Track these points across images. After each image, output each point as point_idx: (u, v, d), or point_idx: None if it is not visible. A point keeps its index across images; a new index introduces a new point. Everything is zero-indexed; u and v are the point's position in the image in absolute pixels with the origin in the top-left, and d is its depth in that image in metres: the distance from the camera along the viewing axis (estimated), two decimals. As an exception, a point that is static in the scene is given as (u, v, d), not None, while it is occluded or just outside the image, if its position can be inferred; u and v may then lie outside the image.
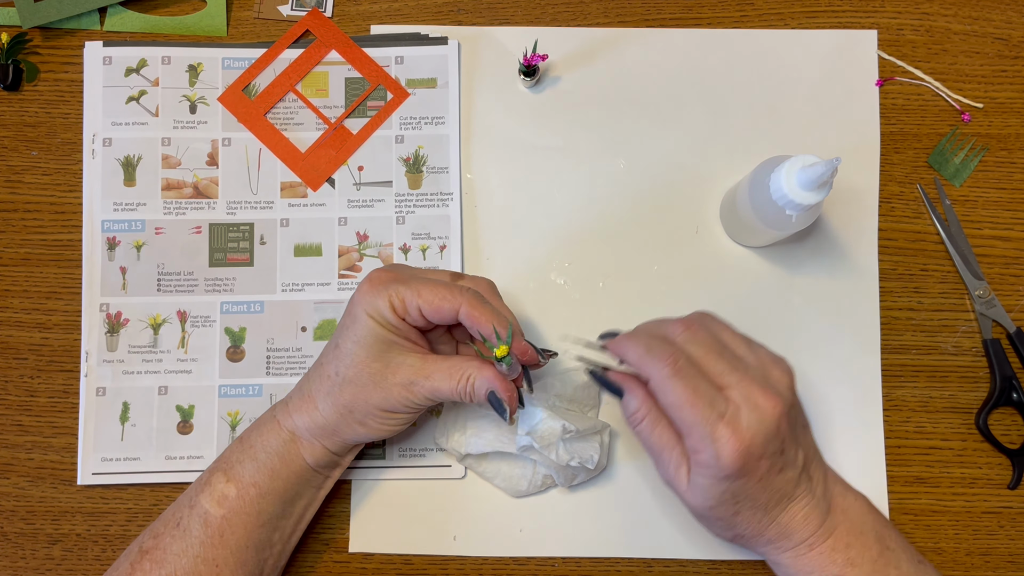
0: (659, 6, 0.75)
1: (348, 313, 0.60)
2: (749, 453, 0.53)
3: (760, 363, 0.57)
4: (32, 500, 0.69)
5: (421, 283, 0.59)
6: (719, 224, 0.72)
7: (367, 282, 0.59)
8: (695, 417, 0.53)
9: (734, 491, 0.55)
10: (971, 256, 0.71)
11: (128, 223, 0.72)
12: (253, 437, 0.62)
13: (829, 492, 0.59)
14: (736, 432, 0.53)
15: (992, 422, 0.70)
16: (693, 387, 0.54)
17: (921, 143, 0.73)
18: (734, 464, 0.53)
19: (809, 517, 0.57)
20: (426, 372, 0.59)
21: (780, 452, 0.55)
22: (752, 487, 0.55)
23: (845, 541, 0.57)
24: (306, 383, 0.62)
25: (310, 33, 0.74)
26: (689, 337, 0.56)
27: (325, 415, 0.60)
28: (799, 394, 0.59)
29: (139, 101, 0.73)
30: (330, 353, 0.61)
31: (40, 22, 0.73)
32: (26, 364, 0.71)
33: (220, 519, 0.60)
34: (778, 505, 0.56)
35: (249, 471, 0.61)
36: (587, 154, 0.73)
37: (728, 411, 0.53)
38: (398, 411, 0.60)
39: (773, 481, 0.55)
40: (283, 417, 0.62)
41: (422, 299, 0.58)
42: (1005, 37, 0.75)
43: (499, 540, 0.69)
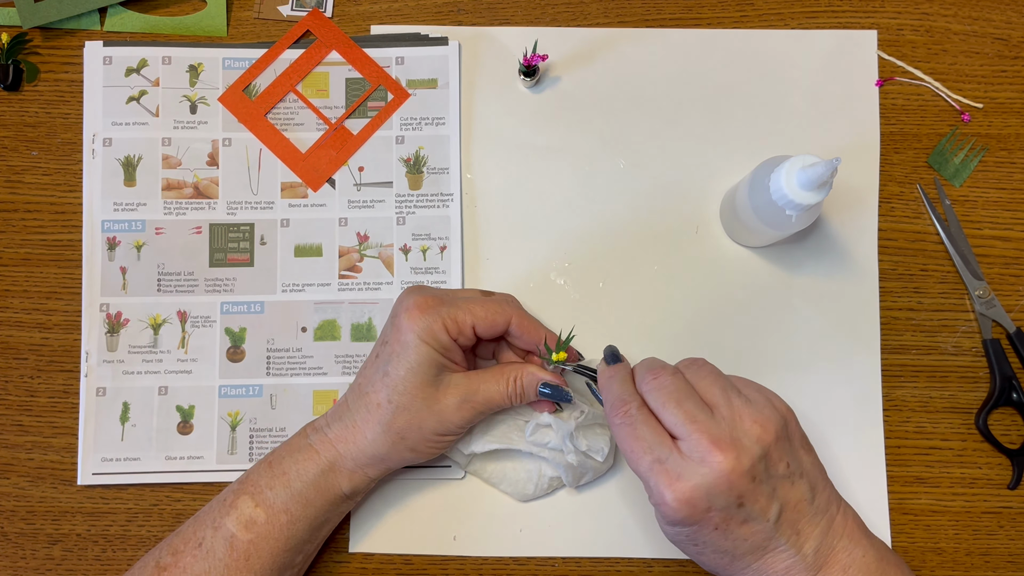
0: (659, 6, 0.75)
1: (396, 340, 0.60)
2: (690, 503, 0.52)
3: (732, 414, 0.55)
4: (32, 500, 0.69)
5: (469, 303, 0.61)
6: (719, 224, 0.72)
7: (415, 308, 0.60)
8: (635, 462, 0.54)
9: (688, 535, 0.55)
10: (971, 256, 0.71)
11: (128, 223, 0.72)
12: (286, 463, 0.61)
13: (827, 548, 0.56)
14: (673, 480, 0.53)
15: (992, 422, 0.70)
16: (635, 434, 0.55)
17: (921, 143, 0.73)
18: (672, 512, 0.53)
19: (791, 571, 0.55)
20: (475, 386, 0.61)
21: (737, 505, 0.53)
22: (708, 534, 0.54)
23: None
24: (347, 412, 0.62)
25: (310, 33, 0.74)
26: (655, 385, 0.56)
27: (375, 445, 0.61)
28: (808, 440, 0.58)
29: (139, 101, 0.73)
30: (377, 381, 0.61)
31: (40, 22, 0.73)
32: (26, 364, 0.71)
33: (247, 543, 0.59)
34: (751, 554, 0.55)
35: (281, 498, 0.60)
36: (587, 154, 0.73)
37: (669, 460, 0.53)
38: (451, 432, 0.62)
39: (735, 531, 0.54)
40: (322, 446, 0.61)
41: (476, 317, 0.61)
42: (1005, 37, 0.75)
43: (499, 540, 0.69)
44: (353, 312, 0.71)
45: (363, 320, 0.71)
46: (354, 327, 0.71)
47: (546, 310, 0.71)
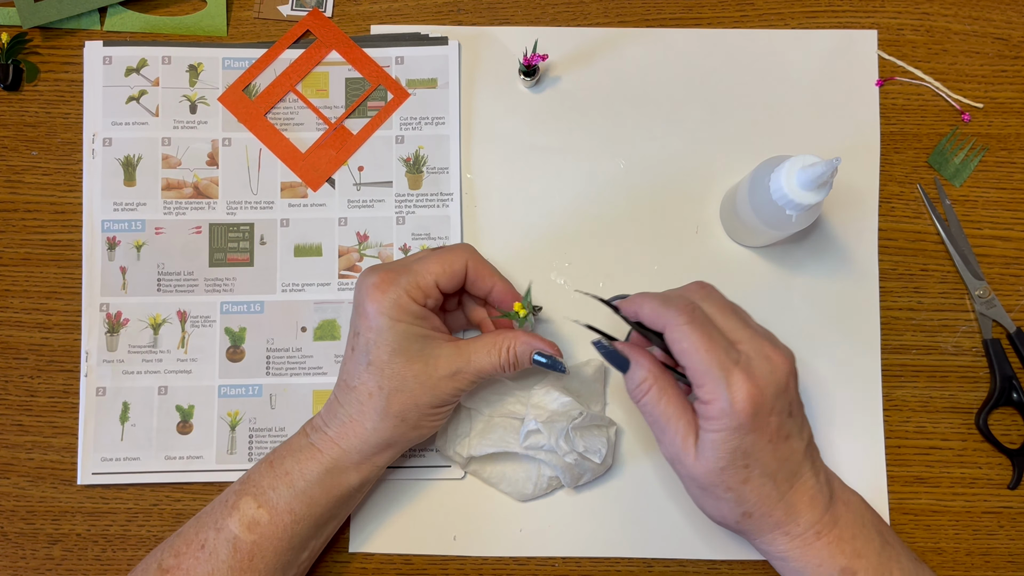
0: (659, 6, 0.75)
1: (368, 327, 0.60)
2: (761, 402, 0.53)
3: (765, 331, 0.58)
4: (32, 500, 0.70)
5: (424, 262, 0.61)
6: (719, 224, 0.72)
7: (376, 289, 0.59)
8: (710, 361, 0.54)
9: (745, 449, 0.54)
10: (971, 256, 0.71)
11: (128, 223, 0.72)
12: (288, 463, 0.61)
13: (831, 478, 0.58)
14: (750, 378, 0.53)
15: (992, 422, 0.70)
16: (709, 334, 0.55)
17: (921, 143, 0.73)
18: (747, 410, 0.53)
19: (815, 499, 0.56)
20: (466, 356, 0.61)
21: (788, 413, 0.55)
22: (762, 447, 0.54)
23: (851, 532, 0.56)
24: (340, 408, 0.62)
25: (310, 33, 0.74)
26: (705, 295, 0.58)
27: (378, 432, 0.61)
28: None
29: (139, 101, 0.73)
30: (362, 372, 0.60)
31: (40, 22, 0.73)
32: (26, 364, 0.71)
33: (251, 544, 0.59)
34: (787, 480, 0.56)
35: (285, 498, 0.60)
36: (587, 154, 0.73)
37: (741, 359, 0.54)
38: (447, 403, 0.62)
39: (780, 448, 0.55)
40: (324, 445, 0.61)
41: (435, 273, 0.60)
42: (1005, 37, 0.75)
43: (499, 540, 0.69)
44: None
45: (363, 320, 0.71)
46: (354, 327, 0.71)
47: (546, 310, 0.71)
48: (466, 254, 0.62)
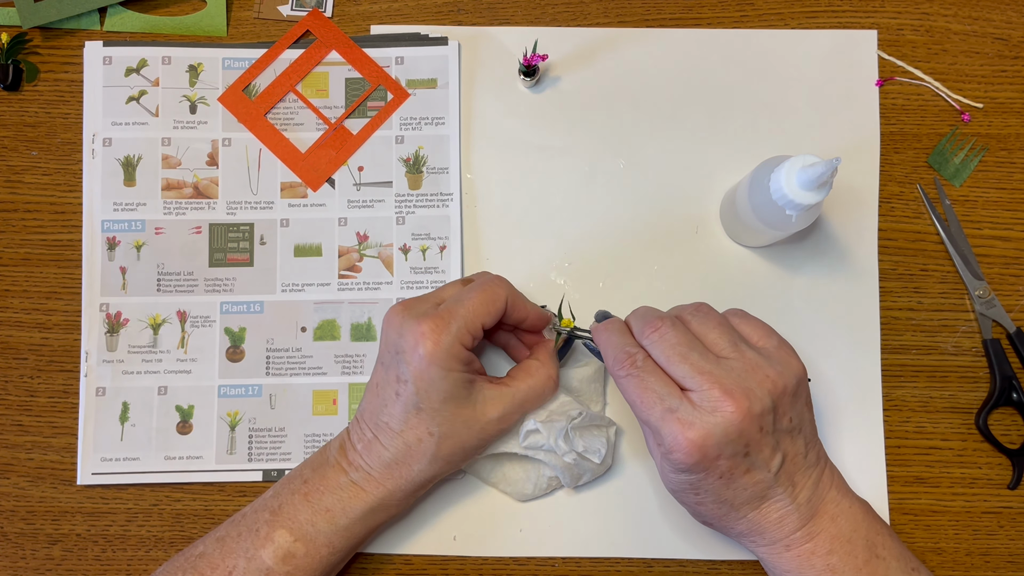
0: (659, 6, 0.75)
1: (419, 375, 0.58)
2: (702, 450, 0.53)
3: (744, 365, 0.56)
4: (32, 500, 0.69)
5: (469, 303, 0.60)
6: (719, 224, 0.72)
7: (425, 338, 0.58)
8: (646, 415, 0.55)
9: (693, 483, 0.55)
10: (971, 256, 0.71)
11: (128, 223, 0.72)
12: (328, 500, 0.61)
13: (818, 498, 0.58)
14: (687, 428, 0.53)
15: (992, 422, 0.70)
16: (644, 384, 0.55)
17: (921, 143, 0.73)
18: (685, 459, 0.54)
19: (784, 520, 0.57)
20: (516, 400, 0.62)
21: (744, 454, 0.54)
22: (713, 483, 0.55)
23: (827, 547, 0.57)
24: (383, 451, 0.61)
25: (310, 33, 0.74)
26: (657, 338, 0.57)
27: (424, 474, 0.61)
28: None
29: (139, 101, 0.73)
30: (411, 419, 0.60)
31: (40, 22, 0.73)
32: (26, 364, 0.71)
33: (283, 574, 0.60)
34: (748, 504, 0.56)
35: (324, 533, 0.60)
36: (587, 154, 0.73)
37: (681, 408, 0.54)
38: (492, 442, 0.64)
39: (739, 480, 0.55)
40: (369, 485, 0.61)
41: (480, 315, 0.60)
42: (1005, 37, 0.75)
43: (499, 540, 0.69)
44: (353, 312, 0.71)
45: (363, 320, 0.71)
46: (354, 327, 0.71)
47: (546, 310, 0.71)
48: (505, 289, 0.62)
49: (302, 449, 0.70)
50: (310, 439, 0.70)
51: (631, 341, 0.58)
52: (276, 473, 0.69)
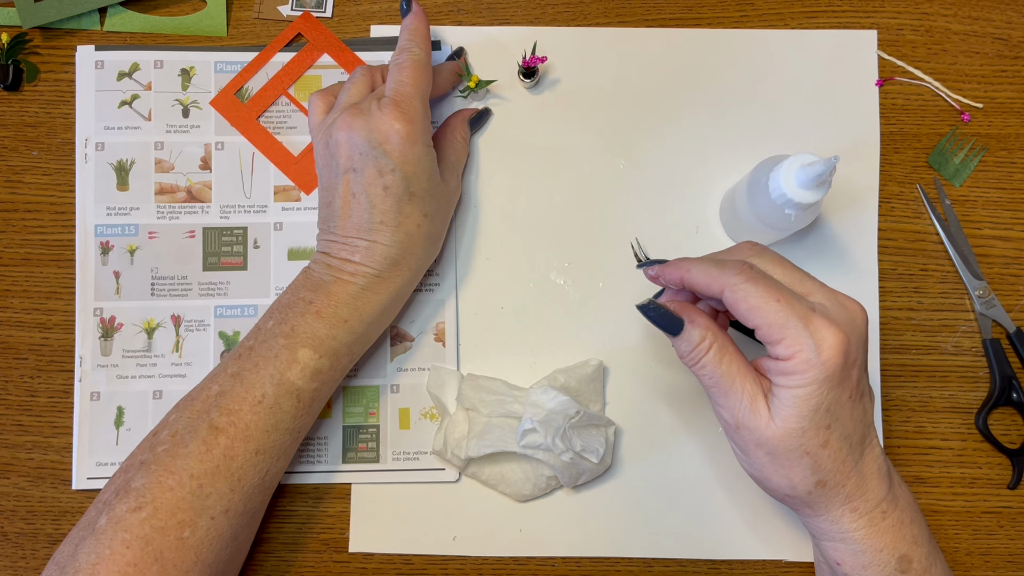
0: (659, 6, 0.75)
1: (406, 161, 0.61)
2: (848, 351, 0.50)
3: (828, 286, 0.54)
4: (32, 500, 0.70)
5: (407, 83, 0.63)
6: (719, 224, 0.72)
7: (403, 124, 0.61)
8: (786, 313, 0.50)
9: (828, 405, 0.50)
10: (971, 256, 0.71)
11: (121, 227, 0.72)
12: (343, 311, 0.62)
13: (886, 456, 0.55)
14: (834, 323, 0.50)
15: (992, 422, 0.70)
16: (776, 287, 0.51)
17: (921, 143, 0.73)
18: (836, 360, 0.49)
19: (881, 471, 0.53)
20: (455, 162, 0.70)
21: (864, 368, 0.52)
22: (843, 405, 0.51)
23: (910, 515, 0.54)
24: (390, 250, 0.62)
25: (303, 36, 0.74)
26: (758, 251, 0.55)
27: (427, 257, 0.66)
28: None
29: (132, 105, 0.73)
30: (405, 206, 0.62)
31: (40, 22, 0.73)
32: (26, 364, 0.71)
33: (312, 391, 0.61)
34: (859, 444, 0.52)
35: (345, 344, 0.62)
36: (587, 154, 0.73)
37: (818, 307, 0.51)
38: None
39: (857, 407, 0.52)
40: (381, 287, 0.63)
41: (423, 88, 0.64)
42: (1005, 37, 0.75)
43: (499, 540, 0.69)
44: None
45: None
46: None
47: (546, 310, 0.71)
48: (424, 54, 0.65)
49: (297, 453, 0.69)
50: (304, 442, 0.70)
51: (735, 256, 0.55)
52: (274, 474, 0.69)
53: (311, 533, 0.69)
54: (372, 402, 0.70)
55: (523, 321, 0.71)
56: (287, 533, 0.69)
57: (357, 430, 0.70)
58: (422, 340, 0.71)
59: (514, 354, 0.71)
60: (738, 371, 0.53)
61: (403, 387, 0.70)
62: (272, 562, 0.69)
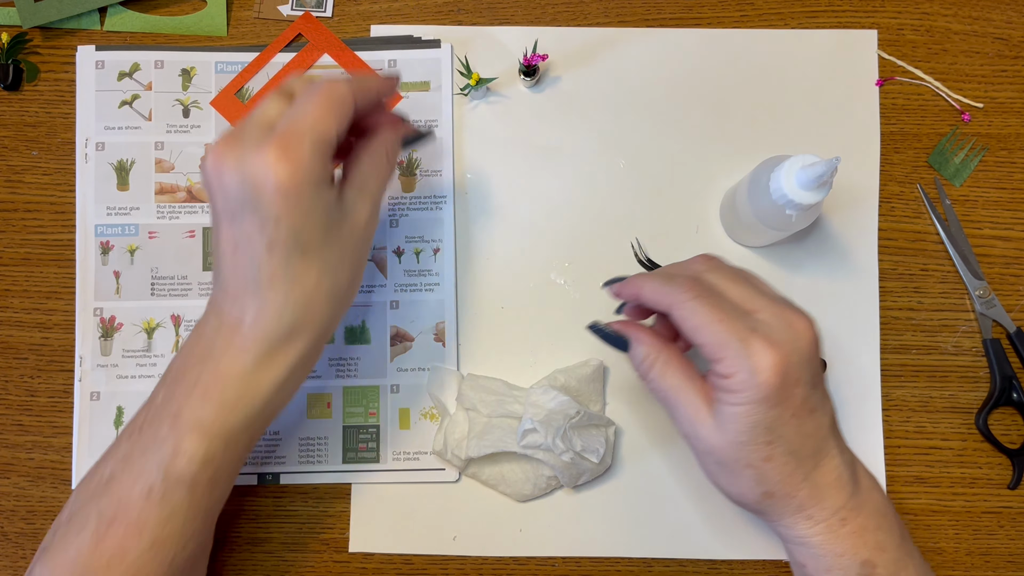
0: (659, 6, 0.75)
1: (289, 209, 0.50)
2: (787, 371, 0.50)
3: (782, 297, 0.54)
4: (32, 500, 0.70)
5: (306, 114, 0.51)
6: (719, 224, 0.72)
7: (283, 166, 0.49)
8: (726, 333, 0.50)
9: (768, 423, 0.51)
10: (971, 256, 0.71)
11: (121, 227, 0.72)
12: (234, 389, 0.53)
13: (855, 462, 0.55)
14: (772, 345, 0.50)
15: (992, 422, 0.70)
16: (719, 306, 0.52)
17: (921, 143, 0.73)
18: (772, 381, 0.49)
19: (841, 481, 0.53)
20: (372, 190, 0.56)
21: (813, 385, 0.52)
22: (786, 422, 0.51)
23: (875, 521, 0.53)
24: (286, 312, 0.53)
25: (303, 37, 0.74)
26: (711, 266, 0.55)
27: (334, 313, 0.56)
28: None
29: (132, 105, 0.73)
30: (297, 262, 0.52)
31: (40, 22, 0.73)
32: (26, 364, 0.71)
33: (208, 479, 0.54)
34: (812, 457, 0.52)
35: (240, 423, 0.54)
36: (587, 154, 0.73)
37: (760, 326, 0.51)
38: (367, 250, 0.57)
39: (805, 422, 0.52)
40: (280, 357, 0.54)
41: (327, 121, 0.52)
42: (1005, 37, 0.75)
43: (499, 540, 0.69)
44: (346, 315, 0.71)
45: (356, 323, 0.71)
46: (347, 330, 0.71)
47: (546, 310, 0.71)
48: (347, 85, 0.54)
49: (296, 452, 0.69)
50: (304, 442, 0.70)
51: (686, 273, 0.55)
52: (271, 476, 0.69)
53: (311, 533, 0.69)
54: (372, 402, 0.70)
55: (523, 321, 0.71)
56: (287, 533, 0.69)
57: (357, 430, 0.70)
58: (422, 340, 0.71)
59: (514, 354, 0.71)
60: (682, 384, 0.54)
61: (403, 387, 0.70)
62: (272, 562, 0.69)
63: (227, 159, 0.51)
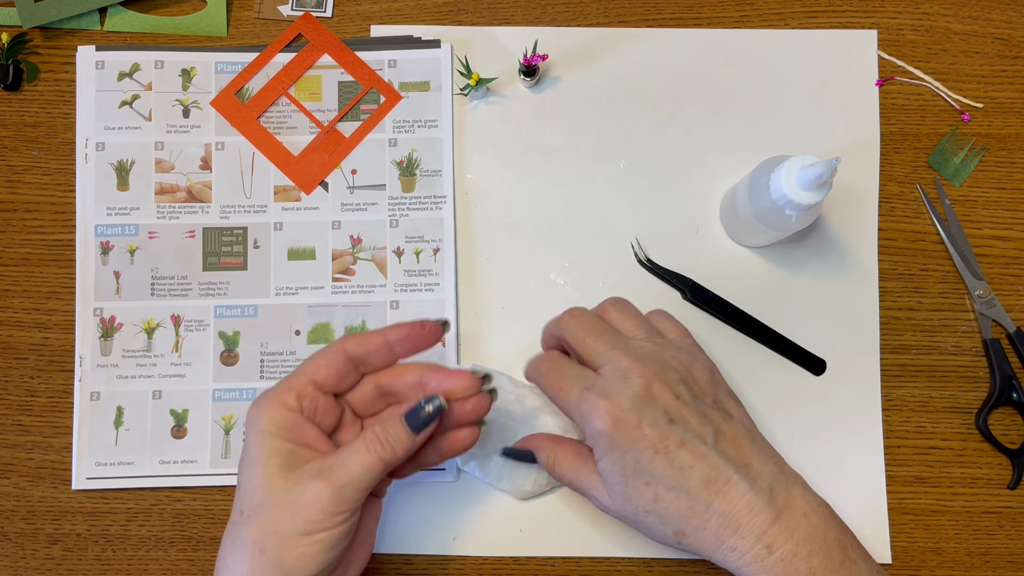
0: (659, 6, 0.75)
1: (244, 448, 0.53)
2: (621, 416, 0.53)
3: (654, 346, 0.57)
4: (32, 500, 0.70)
5: (303, 363, 0.56)
6: (719, 224, 0.72)
7: (254, 404, 0.54)
8: (564, 399, 0.56)
9: (633, 466, 0.53)
10: (971, 256, 0.71)
11: (121, 227, 0.72)
12: None
13: (782, 489, 0.54)
14: (602, 396, 0.54)
15: (992, 422, 0.70)
16: (561, 374, 0.57)
17: (921, 143, 0.73)
18: (609, 427, 0.53)
19: (754, 507, 0.53)
20: (329, 461, 0.52)
21: (668, 421, 0.53)
22: (651, 460, 0.53)
23: (807, 548, 0.53)
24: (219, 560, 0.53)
25: (303, 37, 0.74)
26: (572, 320, 0.59)
27: (235, 569, 0.51)
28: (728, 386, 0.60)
29: (132, 105, 0.73)
30: (235, 504, 0.53)
31: (40, 22, 0.73)
32: (26, 364, 0.71)
33: None
34: (705, 488, 0.53)
35: None
36: (587, 154, 0.73)
37: (596, 383, 0.55)
38: (319, 529, 0.51)
39: (677, 455, 0.53)
40: None
41: (309, 370, 0.55)
42: (1005, 37, 0.74)
43: (499, 540, 0.69)
44: (347, 315, 0.71)
45: (357, 323, 0.71)
46: (348, 330, 0.71)
47: (546, 310, 0.71)
48: (339, 341, 0.57)
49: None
50: (305, 442, 0.70)
51: (548, 349, 0.61)
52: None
53: (311, 533, 0.69)
54: (372, 402, 0.70)
55: (523, 321, 0.71)
56: (287, 533, 0.69)
57: (357, 430, 0.70)
58: (422, 340, 0.71)
59: (514, 354, 0.70)
60: (577, 469, 0.58)
61: (403, 387, 0.70)
62: (272, 562, 0.69)
63: None
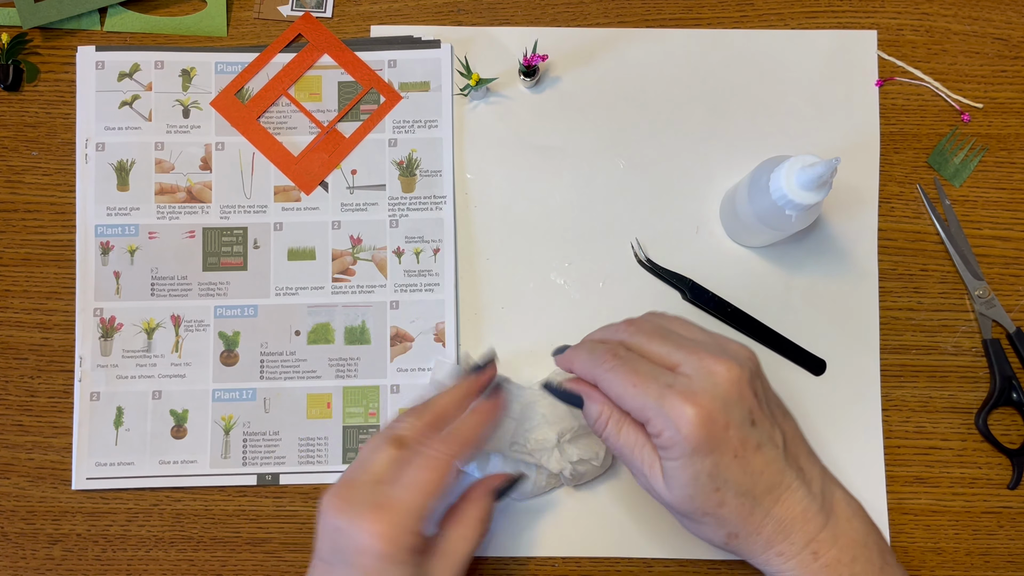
0: (659, 6, 0.75)
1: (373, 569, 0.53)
2: (711, 419, 0.50)
3: (716, 340, 0.55)
4: (32, 500, 0.70)
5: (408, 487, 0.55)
6: (719, 224, 0.72)
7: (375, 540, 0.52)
8: (641, 397, 0.52)
9: (709, 471, 0.51)
10: (971, 256, 0.71)
11: (122, 227, 0.72)
12: None
13: (829, 493, 0.55)
14: (690, 398, 0.51)
15: (992, 422, 0.70)
16: (634, 370, 0.53)
17: (921, 143, 0.73)
18: (696, 433, 0.50)
19: (808, 513, 0.53)
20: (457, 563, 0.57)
21: (750, 423, 0.52)
22: (728, 465, 0.51)
23: (851, 554, 0.53)
24: None
25: (303, 37, 0.74)
26: (632, 330, 0.56)
27: None
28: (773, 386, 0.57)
29: (132, 106, 0.73)
30: None
31: (40, 22, 0.73)
32: (26, 364, 0.71)
33: None
34: (769, 494, 0.52)
35: None
36: (587, 154, 0.73)
37: (678, 382, 0.52)
38: None
39: (751, 461, 0.52)
40: None
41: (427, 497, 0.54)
42: (1005, 37, 0.74)
43: (498, 540, 0.69)
44: (346, 315, 0.71)
45: (356, 323, 0.71)
46: (347, 330, 0.71)
47: (546, 310, 0.71)
48: (449, 456, 0.56)
49: (296, 453, 0.70)
50: (304, 443, 0.70)
51: (609, 341, 0.56)
52: (270, 477, 0.69)
53: (311, 533, 0.69)
54: (372, 402, 0.70)
55: (523, 321, 0.71)
56: (287, 533, 0.69)
57: (357, 430, 0.70)
58: (422, 340, 0.71)
59: (514, 354, 0.70)
60: (635, 443, 0.54)
61: (403, 387, 0.70)
62: (272, 562, 0.69)
63: (333, 511, 0.54)
